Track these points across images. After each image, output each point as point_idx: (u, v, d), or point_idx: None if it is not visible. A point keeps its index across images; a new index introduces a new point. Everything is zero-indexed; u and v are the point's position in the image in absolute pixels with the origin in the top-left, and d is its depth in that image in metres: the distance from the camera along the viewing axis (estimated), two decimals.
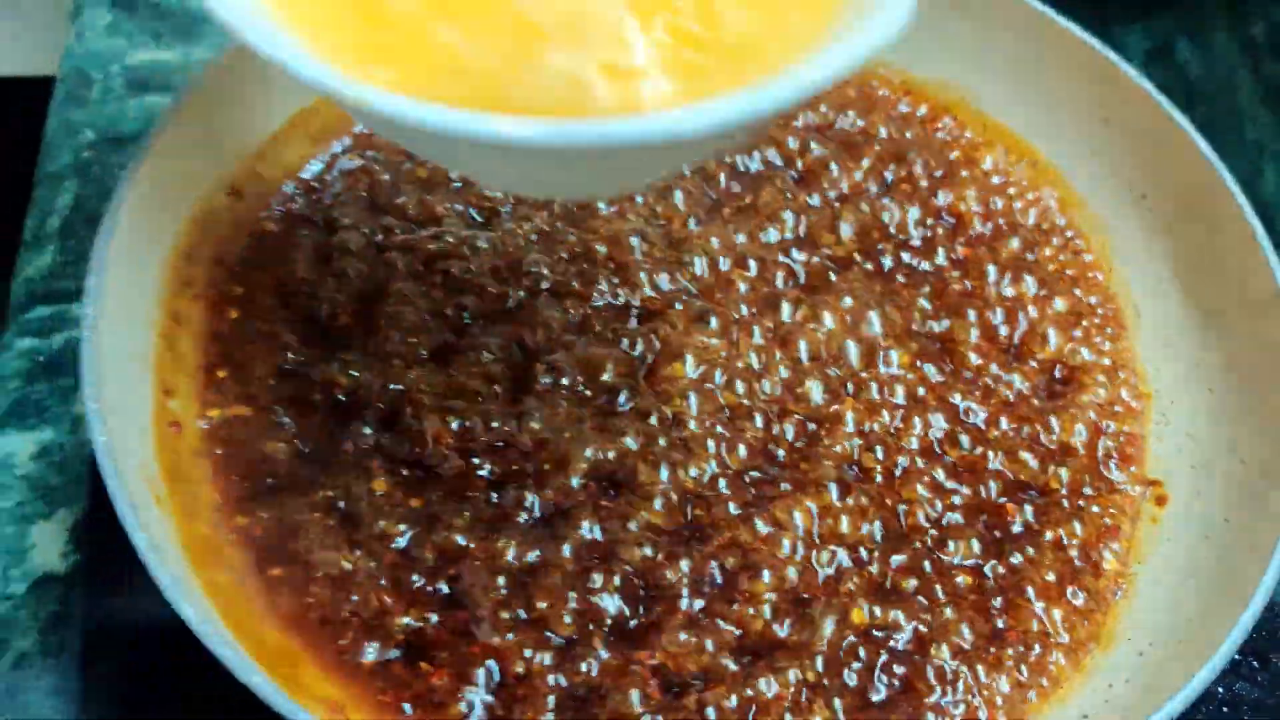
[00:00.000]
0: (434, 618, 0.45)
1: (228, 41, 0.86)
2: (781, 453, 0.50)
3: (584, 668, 0.44)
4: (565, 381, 0.51)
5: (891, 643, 0.47)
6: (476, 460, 0.49)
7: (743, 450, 0.50)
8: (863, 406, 0.52)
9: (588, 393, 0.50)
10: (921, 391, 0.54)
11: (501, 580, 0.46)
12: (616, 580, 0.46)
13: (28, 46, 1.02)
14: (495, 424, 0.49)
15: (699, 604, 0.46)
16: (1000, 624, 0.48)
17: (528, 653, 0.44)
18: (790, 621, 0.46)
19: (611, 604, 0.45)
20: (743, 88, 0.34)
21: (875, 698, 0.46)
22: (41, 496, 0.64)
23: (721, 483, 0.49)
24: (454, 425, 0.49)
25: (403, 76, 0.34)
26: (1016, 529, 0.50)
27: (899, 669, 0.46)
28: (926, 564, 0.49)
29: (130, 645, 0.54)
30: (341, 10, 0.35)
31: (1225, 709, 0.54)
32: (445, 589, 0.46)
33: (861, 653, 0.46)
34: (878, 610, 0.47)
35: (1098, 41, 0.58)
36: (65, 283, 0.74)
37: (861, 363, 0.53)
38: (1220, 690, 0.54)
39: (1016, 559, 0.49)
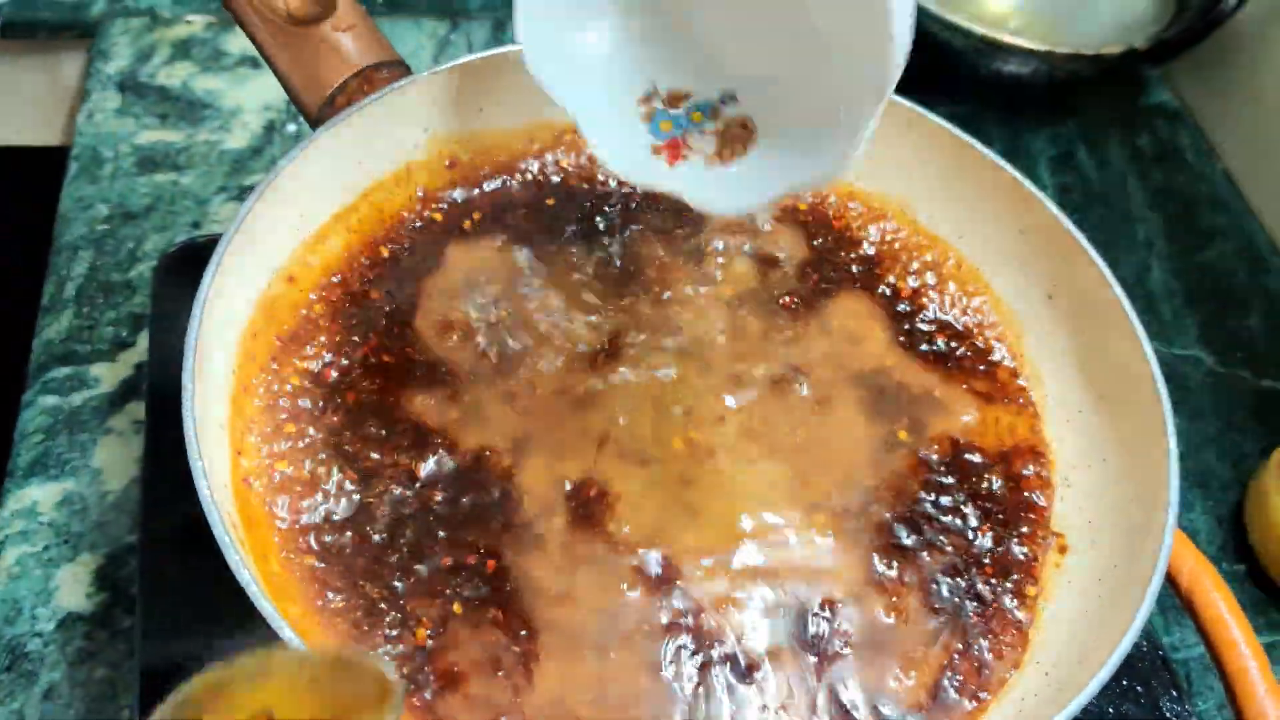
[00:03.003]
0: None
1: (229, 125, 0.93)
2: None
3: None
4: None
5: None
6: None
7: None
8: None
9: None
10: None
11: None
12: None
13: (30, 120, 1.07)
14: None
15: None
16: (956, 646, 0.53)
17: None
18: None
19: None
20: None
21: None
22: (65, 542, 0.68)
23: None
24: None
25: None
26: (966, 570, 0.56)
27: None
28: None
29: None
30: None
31: None
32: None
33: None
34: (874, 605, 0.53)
35: (1017, 171, 0.63)
36: (83, 345, 0.78)
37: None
38: (1111, 710, 0.61)
39: (970, 594, 0.55)
